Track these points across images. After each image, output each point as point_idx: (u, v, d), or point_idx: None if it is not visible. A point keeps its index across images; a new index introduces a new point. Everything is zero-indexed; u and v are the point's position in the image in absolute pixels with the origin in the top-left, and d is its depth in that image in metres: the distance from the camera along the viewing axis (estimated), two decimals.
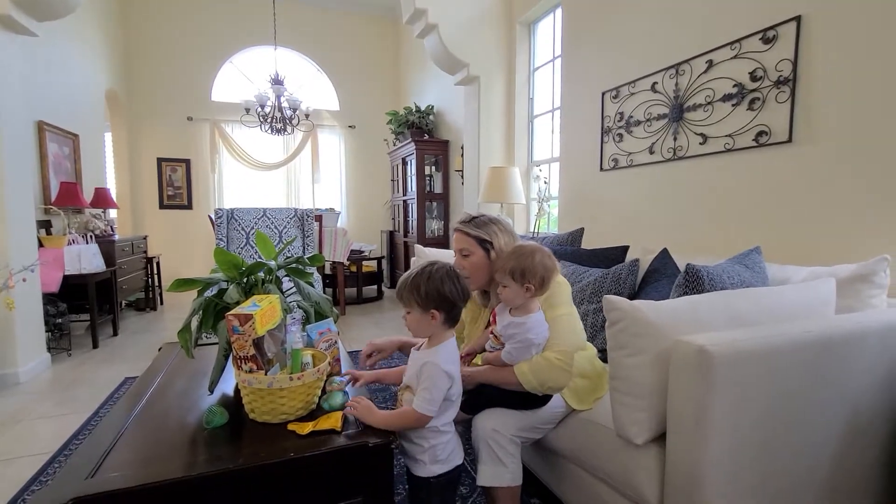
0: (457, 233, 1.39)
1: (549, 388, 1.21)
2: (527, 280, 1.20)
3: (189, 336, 1.24)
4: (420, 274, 1.10)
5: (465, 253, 1.36)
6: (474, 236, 1.35)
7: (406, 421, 1.06)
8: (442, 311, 1.08)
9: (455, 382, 1.09)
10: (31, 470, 1.79)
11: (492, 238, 1.34)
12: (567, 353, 1.20)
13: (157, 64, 5.54)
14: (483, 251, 1.35)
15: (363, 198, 6.47)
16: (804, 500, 1.08)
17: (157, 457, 0.97)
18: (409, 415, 1.05)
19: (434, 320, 1.08)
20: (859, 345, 1.10)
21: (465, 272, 1.36)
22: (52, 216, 3.66)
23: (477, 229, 1.35)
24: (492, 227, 1.36)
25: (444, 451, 1.09)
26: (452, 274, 1.10)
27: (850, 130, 1.56)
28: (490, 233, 1.35)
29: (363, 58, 6.30)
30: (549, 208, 3.52)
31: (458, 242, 1.38)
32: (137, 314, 4.67)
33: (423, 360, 1.08)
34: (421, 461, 1.09)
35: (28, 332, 2.77)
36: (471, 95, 3.97)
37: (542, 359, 1.20)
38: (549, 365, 1.18)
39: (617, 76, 2.57)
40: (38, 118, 3.53)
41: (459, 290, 1.10)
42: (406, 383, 1.15)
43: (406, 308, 1.11)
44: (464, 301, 1.11)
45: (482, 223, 1.36)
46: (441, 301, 1.07)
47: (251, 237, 3.62)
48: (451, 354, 1.10)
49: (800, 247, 1.72)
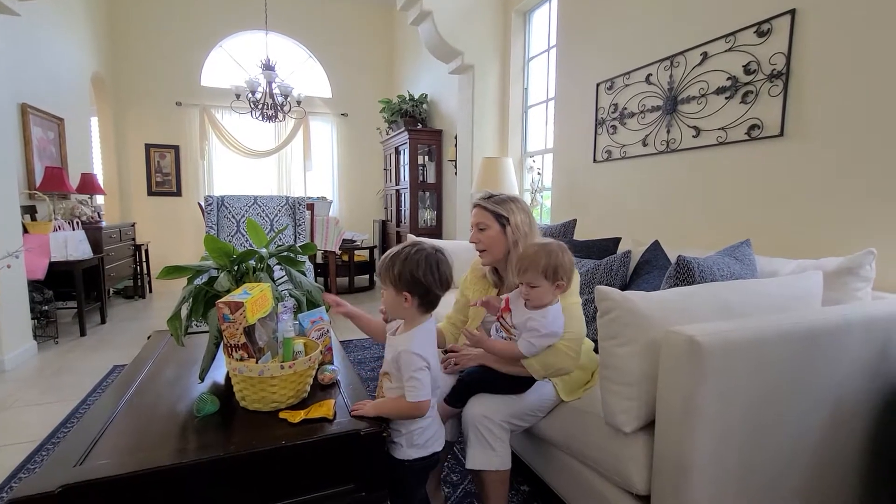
0: (476, 208, 1.44)
1: (553, 373, 1.24)
2: (559, 278, 1.22)
3: (179, 324, 1.23)
4: (398, 254, 1.08)
5: (482, 227, 1.41)
6: (492, 211, 1.40)
7: (401, 411, 1.06)
8: (415, 295, 1.05)
9: (431, 367, 1.07)
10: (17, 458, 1.78)
11: (509, 214, 1.39)
12: (575, 341, 1.24)
13: (144, 47, 5.41)
14: (499, 226, 1.40)
15: (355, 187, 6.43)
16: (788, 485, 1.11)
17: (147, 445, 0.97)
18: (404, 406, 1.05)
19: (407, 303, 1.06)
20: (844, 336, 1.12)
21: (481, 245, 1.42)
22: (37, 202, 3.59)
23: (495, 205, 1.41)
24: (510, 205, 1.41)
25: (422, 437, 1.09)
26: (433, 259, 1.07)
27: (840, 125, 1.57)
28: (508, 209, 1.40)
29: (356, 44, 6.22)
30: (542, 199, 3.53)
31: (475, 217, 1.44)
32: (126, 302, 4.62)
33: (399, 349, 1.06)
34: (398, 444, 1.09)
35: (13, 320, 2.73)
36: (465, 84, 3.94)
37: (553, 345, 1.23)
38: (557, 352, 1.22)
39: (612, 67, 2.56)
40: (22, 101, 3.45)
41: (437, 277, 1.06)
42: (385, 370, 1.14)
43: (382, 285, 1.11)
44: (442, 289, 1.09)
45: (501, 200, 1.42)
46: (414, 284, 1.05)
47: (242, 225, 3.58)
48: (426, 339, 1.09)
49: (789, 240, 1.74)
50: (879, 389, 1.21)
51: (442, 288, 1.09)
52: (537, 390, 1.32)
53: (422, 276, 1.05)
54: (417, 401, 1.04)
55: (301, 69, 6.08)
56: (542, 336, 1.21)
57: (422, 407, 1.05)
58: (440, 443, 1.15)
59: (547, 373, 1.24)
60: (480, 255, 1.46)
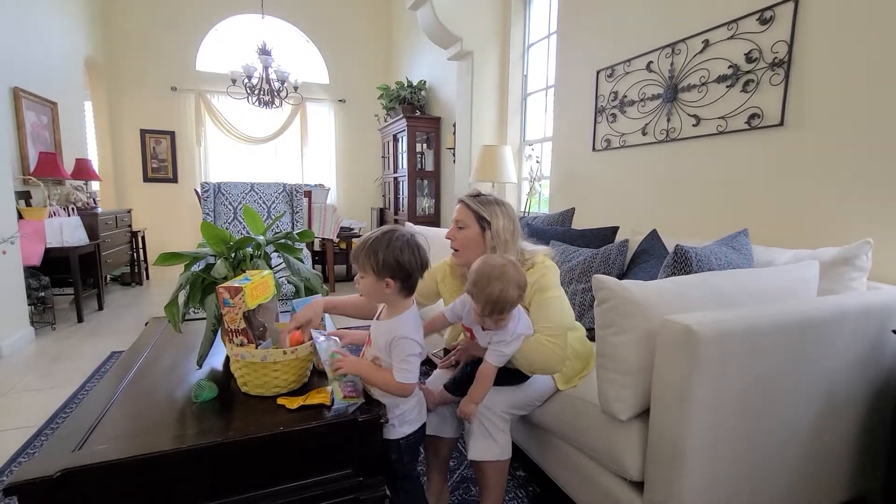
0: (459, 204, 1.38)
1: (539, 369, 1.23)
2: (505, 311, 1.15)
3: (176, 311, 1.23)
4: (379, 240, 1.06)
5: (461, 225, 1.34)
6: (474, 210, 1.33)
7: (387, 385, 1.07)
8: (398, 279, 1.06)
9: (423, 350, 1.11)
10: (16, 442, 1.79)
11: (491, 218, 1.31)
12: (559, 335, 1.21)
13: (138, 29, 5.32)
14: (479, 228, 1.32)
15: (353, 174, 6.39)
16: (780, 471, 1.13)
17: (146, 430, 0.97)
18: (392, 382, 1.07)
19: (389, 288, 1.06)
20: (837, 326, 1.13)
21: (456, 244, 1.35)
22: (31, 187, 3.55)
23: (479, 205, 1.33)
24: (495, 208, 1.33)
25: (412, 414, 1.15)
26: (413, 243, 1.08)
27: (841, 115, 1.57)
28: (491, 212, 1.32)
29: (354, 29, 6.12)
30: (540, 188, 3.52)
31: (457, 213, 1.37)
32: (123, 289, 4.61)
33: (393, 335, 1.07)
34: (391, 425, 1.12)
35: (10, 306, 2.73)
36: (464, 71, 3.89)
37: (533, 341, 1.20)
38: (541, 347, 1.19)
39: (613, 54, 2.53)
40: (14, 84, 3.39)
41: (418, 259, 1.07)
42: (374, 354, 1.13)
43: (360, 272, 1.09)
44: (421, 272, 1.09)
45: (486, 202, 1.34)
46: (398, 270, 1.05)
47: (239, 212, 3.56)
48: (415, 323, 1.11)
49: (787, 229, 1.75)
50: (871, 378, 1.22)
51: (422, 272, 1.10)
52: (537, 380, 1.32)
53: (406, 261, 1.05)
54: (406, 383, 1.06)
55: (298, 54, 6.00)
56: (509, 343, 1.19)
57: (408, 390, 1.07)
58: (424, 414, 1.21)
59: (533, 369, 1.23)
60: (454, 255, 1.38)
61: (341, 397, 1.03)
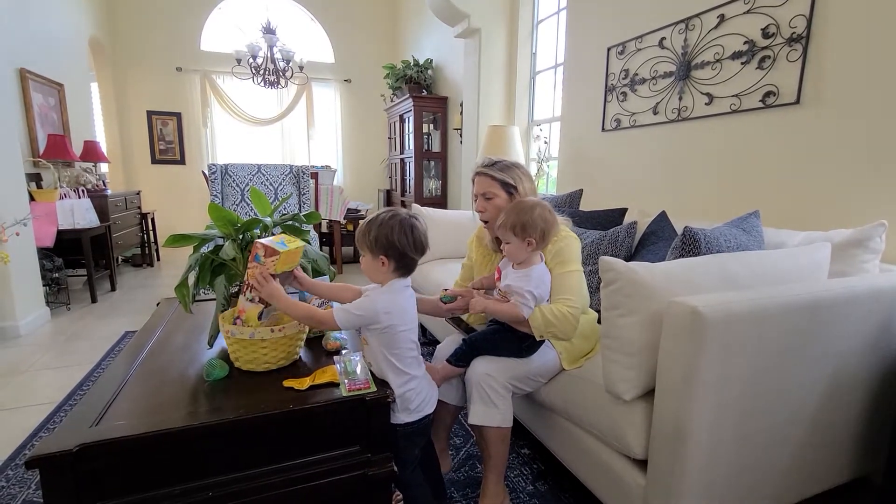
0: (480, 176, 1.39)
1: (552, 334, 1.25)
2: (528, 234, 1.22)
3: (186, 291, 1.24)
4: (373, 220, 1.12)
5: (489, 196, 1.37)
6: (499, 179, 1.36)
7: (312, 316, 1.09)
8: (391, 258, 1.10)
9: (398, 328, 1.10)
10: (36, 418, 1.85)
11: (516, 182, 1.36)
12: (576, 308, 1.24)
13: (142, 8, 5.26)
14: (507, 195, 1.37)
15: (360, 155, 6.35)
16: (784, 453, 1.13)
17: (159, 407, 1.00)
18: (318, 313, 1.09)
19: (384, 266, 1.11)
20: (846, 309, 1.11)
21: (486, 215, 1.39)
22: (41, 169, 3.58)
23: (501, 173, 1.36)
24: (516, 172, 1.38)
25: (415, 401, 1.13)
26: (406, 224, 1.11)
27: (859, 94, 1.52)
28: (514, 177, 1.37)
29: (359, 6, 6.01)
30: (548, 169, 3.48)
31: (480, 185, 1.39)
32: (134, 270, 4.68)
33: (367, 293, 1.15)
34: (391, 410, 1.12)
35: (25, 286, 2.78)
36: (471, 49, 3.82)
37: (556, 308, 1.24)
38: (562, 315, 1.22)
39: (624, 31, 2.46)
40: (20, 65, 3.39)
41: (411, 240, 1.10)
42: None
43: (361, 252, 1.14)
44: (417, 253, 1.12)
45: (506, 167, 1.38)
46: (389, 248, 1.09)
47: (246, 194, 3.57)
48: (393, 298, 1.11)
49: (800, 211, 1.72)
50: (879, 361, 1.21)
51: (417, 251, 1.12)
52: (541, 356, 1.34)
53: (396, 240, 1.09)
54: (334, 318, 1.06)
55: (303, 33, 5.91)
56: (532, 298, 1.23)
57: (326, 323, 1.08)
58: (432, 404, 1.19)
59: (546, 331, 1.24)
60: (486, 226, 1.43)
61: (346, 392, 1.05)
